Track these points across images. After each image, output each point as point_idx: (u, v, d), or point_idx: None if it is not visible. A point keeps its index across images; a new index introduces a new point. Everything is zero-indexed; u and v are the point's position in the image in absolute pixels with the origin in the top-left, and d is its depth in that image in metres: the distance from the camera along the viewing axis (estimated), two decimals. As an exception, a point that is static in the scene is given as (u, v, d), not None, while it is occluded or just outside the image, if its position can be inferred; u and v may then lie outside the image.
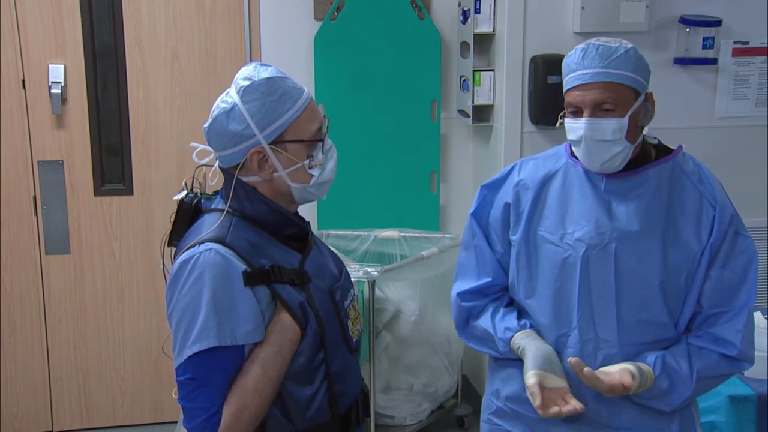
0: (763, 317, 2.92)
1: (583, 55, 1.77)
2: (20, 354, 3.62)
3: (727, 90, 3.53)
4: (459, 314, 1.99)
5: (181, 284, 1.50)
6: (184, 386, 1.49)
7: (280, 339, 1.52)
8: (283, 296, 1.54)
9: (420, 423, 3.52)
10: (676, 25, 3.41)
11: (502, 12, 3.37)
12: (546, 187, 1.89)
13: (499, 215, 1.94)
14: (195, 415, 1.48)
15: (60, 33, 3.43)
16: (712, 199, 1.81)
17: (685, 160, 1.86)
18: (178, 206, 1.64)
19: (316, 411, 1.59)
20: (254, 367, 1.50)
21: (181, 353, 1.49)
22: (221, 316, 1.47)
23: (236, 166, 1.58)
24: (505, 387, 1.97)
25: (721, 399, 2.65)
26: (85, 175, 3.55)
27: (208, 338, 1.47)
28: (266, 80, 1.55)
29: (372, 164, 3.66)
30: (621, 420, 1.84)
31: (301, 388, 1.57)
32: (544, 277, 1.87)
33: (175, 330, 1.51)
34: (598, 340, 1.82)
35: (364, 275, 3.13)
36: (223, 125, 1.55)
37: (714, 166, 3.14)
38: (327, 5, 3.55)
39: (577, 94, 1.76)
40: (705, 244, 1.79)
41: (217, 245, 1.51)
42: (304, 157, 1.58)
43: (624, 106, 1.74)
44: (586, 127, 1.75)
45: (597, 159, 1.77)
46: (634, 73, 1.74)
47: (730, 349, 1.78)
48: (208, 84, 3.54)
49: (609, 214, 1.81)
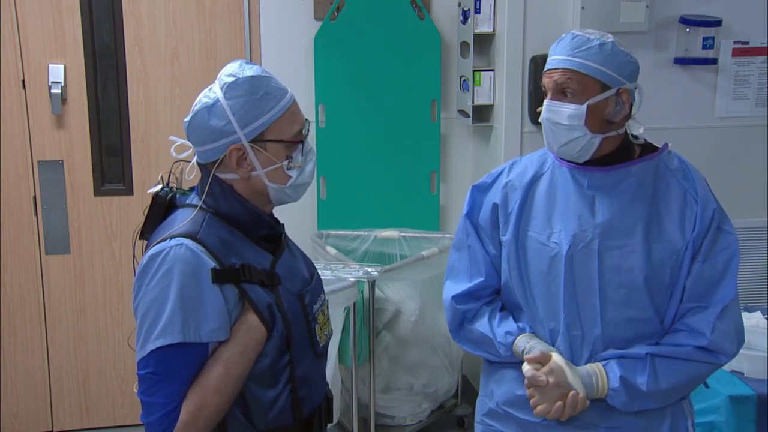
0: (763, 317, 2.92)
1: (558, 42, 1.84)
2: (20, 354, 3.62)
3: (727, 90, 3.52)
4: (453, 317, 2.00)
5: (149, 277, 1.50)
6: (145, 380, 1.48)
7: (245, 339, 1.51)
8: (252, 296, 1.53)
9: (420, 423, 3.52)
10: (676, 25, 3.41)
11: (502, 12, 3.37)
12: (533, 187, 1.92)
13: (488, 216, 1.96)
14: (153, 410, 1.47)
15: (60, 33, 3.43)
16: (695, 194, 1.82)
17: (671, 158, 1.88)
18: (152, 199, 1.65)
19: (278, 414, 1.58)
20: (217, 365, 1.49)
21: (144, 347, 1.48)
22: (187, 312, 1.47)
23: (214, 162, 1.58)
24: (498, 388, 1.98)
25: (721, 399, 2.65)
26: (85, 175, 3.55)
27: (172, 334, 1.46)
28: (251, 78, 1.56)
29: (372, 164, 3.66)
30: (609, 420, 1.85)
31: (264, 390, 1.56)
32: (534, 277, 1.88)
33: (140, 323, 1.50)
34: (584, 336, 1.84)
35: (364, 275, 3.13)
36: (204, 120, 1.56)
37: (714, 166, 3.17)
38: (327, 5, 3.55)
39: (545, 78, 1.84)
40: (689, 239, 1.80)
41: (189, 240, 1.50)
42: (283, 157, 1.58)
43: (585, 93, 1.78)
44: (546, 108, 1.83)
45: (553, 141, 1.83)
46: (602, 66, 1.77)
47: (700, 339, 1.78)
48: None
49: (592, 210, 1.83)
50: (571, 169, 1.87)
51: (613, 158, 1.84)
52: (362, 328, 3.25)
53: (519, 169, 1.97)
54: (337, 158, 3.62)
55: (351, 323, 3.15)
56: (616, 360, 1.81)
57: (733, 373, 2.76)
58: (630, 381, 1.78)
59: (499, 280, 1.98)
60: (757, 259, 3.60)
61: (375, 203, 3.70)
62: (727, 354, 1.82)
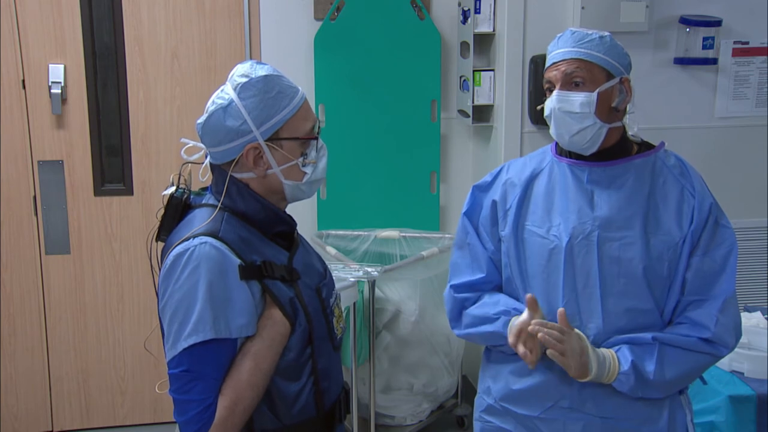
0: (763, 317, 2.92)
1: (559, 38, 1.88)
2: (20, 354, 3.62)
3: (727, 90, 3.52)
4: (453, 306, 2.01)
5: (176, 277, 1.51)
6: (179, 378, 1.49)
7: (272, 333, 1.53)
8: (274, 292, 1.55)
9: (420, 423, 3.52)
10: (676, 25, 3.41)
11: (502, 12, 3.37)
12: (532, 183, 1.95)
13: (488, 214, 1.99)
14: (189, 408, 1.48)
15: (60, 33, 3.43)
16: (691, 189, 1.86)
17: (668, 155, 1.92)
18: (167, 201, 1.64)
19: (302, 407, 1.61)
20: (247, 360, 1.51)
21: (176, 345, 1.49)
22: (217, 308, 1.48)
23: (230, 162, 1.59)
24: (495, 384, 2.00)
25: (721, 399, 2.65)
26: (85, 175, 3.55)
27: (204, 330, 1.47)
28: (264, 77, 1.57)
29: (372, 164, 3.66)
30: (608, 409, 1.86)
31: (289, 384, 1.59)
32: (533, 270, 1.90)
33: (170, 322, 1.51)
34: (583, 327, 1.85)
35: (364, 275, 3.13)
36: (219, 121, 1.56)
37: (714, 166, 3.17)
38: (327, 5, 3.55)
39: (551, 71, 1.87)
40: (686, 232, 1.83)
41: (212, 239, 1.52)
42: (298, 154, 1.60)
43: (594, 82, 1.82)
44: (556, 99, 1.84)
45: (565, 131, 1.85)
46: (606, 56, 1.83)
47: (703, 331, 1.81)
48: (208, 84, 3.54)
49: (591, 204, 1.86)
50: (570, 165, 1.91)
51: (611, 154, 1.87)
52: (362, 328, 3.25)
53: (518, 166, 2.01)
54: (337, 158, 3.62)
55: (351, 323, 3.15)
56: (627, 345, 1.82)
57: (733, 373, 2.76)
58: (639, 367, 1.79)
59: (499, 276, 1.99)
60: (757, 259, 3.60)
61: (375, 203, 3.70)
62: (728, 346, 1.84)
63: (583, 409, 1.87)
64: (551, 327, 1.76)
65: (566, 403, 1.88)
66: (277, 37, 3.58)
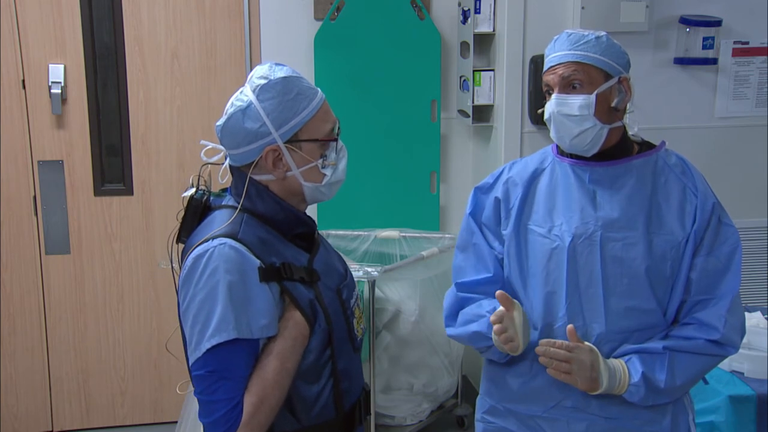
0: (763, 317, 2.92)
1: (555, 41, 1.88)
2: (20, 354, 3.62)
3: (727, 90, 3.53)
4: (452, 303, 1.99)
5: (196, 278, 1.50)
6: (204, 379, 1.48)
7: (293, 333, 1.53)
8: (294, 294, 1.55)
9: (420, 423, 3.52)
10: (676, 25, 3.41)
11: (502, 12, 3.38)
12: (534, 183, 1.95)
13: (491, 213, 1.98)
14: (216, 408, 1.47)
15: (60, 33, 3.43)
16: (694, 189, 1.86)
17: (669, 154, 1.92)
18: (188, 203, 1.64)
19: (321, 408, 1.60)
20: (272, 359, 1.50)
21: (199, 347, 1.48)
22: (238, 309, 1.48)
23: (249, 164, 1.59)
24: (498, 385, 1.99)
25: (721, 399, 2.65)
26: (85, 175, 3.55)
27: (227, 330, 1.46)
28: (283, 79, 1.56)
29: (372, 164, 3.66)
30: (611, 411, 1.86)
31: (309, 386, 1.58)
32: (534, 269, 1.90)
33: (192, 324, 1.50)
34: (586, 327, 1.85)
35: (364, 275, 3.13)
36: (238, 123, 1.55)
37: (714, 166, 3.17)
38: (327, 5, 3.55)
39: (549, 75, 1.86)
40: (689, 231, 1.83)
41: (231, 240, 1.51)
42: (318, 156, 1.60)
43: (592, 84, 1.82)
44: (555, 103, 1.84)
45: (565, 134, 1.84)
46: (603, 56, 1.82)
47: (713, 333, 1.80)
48: (208, 84, 3.54)
49: (594, 204, 1.86)
50: (572, 165, 1.90)
51: (612, 154, 1.87)
52: (365, 327, 3.25)
53: (519, 166, 2.00)
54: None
55: (351, 323, 3.15)
56: (637, 356, 1.81)
57: (733, 373, 2.76)
58: (650, 378, 1.79)
59: None
60: (757, 259, 3.60)
61: (375, 203, 3.70)
62: (735, 346, 1.84)
63: (588, 409, 1.87)
64: (559, 346, 1.75)
65: (570, 402, 1.88)
66: (277, 37, 3.58)
